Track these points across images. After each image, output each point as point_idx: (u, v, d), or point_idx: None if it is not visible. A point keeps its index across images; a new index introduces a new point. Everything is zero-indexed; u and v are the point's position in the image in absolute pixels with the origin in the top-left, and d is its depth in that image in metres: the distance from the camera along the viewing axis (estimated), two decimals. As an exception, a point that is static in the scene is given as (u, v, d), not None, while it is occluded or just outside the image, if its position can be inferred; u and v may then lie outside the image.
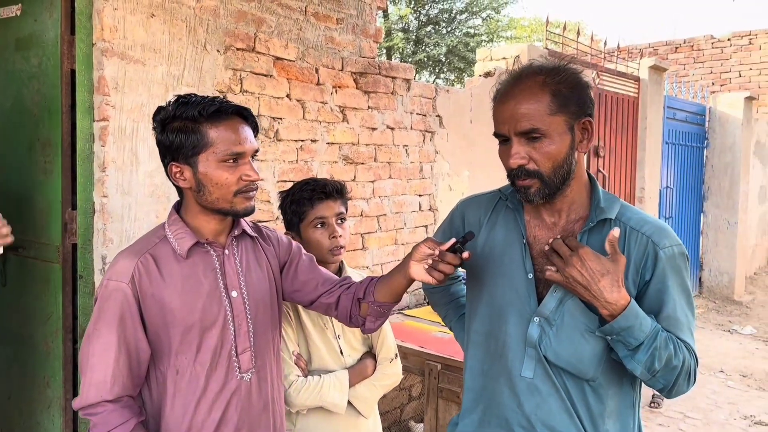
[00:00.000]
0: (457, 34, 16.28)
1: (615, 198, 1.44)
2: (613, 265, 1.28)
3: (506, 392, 1.42)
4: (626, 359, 1.31)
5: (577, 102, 1.34)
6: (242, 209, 1.45)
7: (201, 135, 1.40)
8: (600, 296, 1.27)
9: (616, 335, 1.29)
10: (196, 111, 1.40)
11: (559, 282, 1.32)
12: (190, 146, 1.40)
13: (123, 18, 2.34)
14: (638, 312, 1.29)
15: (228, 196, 1.42)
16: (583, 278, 1.28)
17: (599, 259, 1.28)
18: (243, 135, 1.43)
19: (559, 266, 1.32)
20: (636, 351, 1.29)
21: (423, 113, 3.76)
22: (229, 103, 1.45)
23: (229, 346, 1.47)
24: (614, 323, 1.28)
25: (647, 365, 1.29)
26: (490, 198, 1.57)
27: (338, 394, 1.81)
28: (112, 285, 1.40)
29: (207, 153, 1.40)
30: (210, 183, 1.42)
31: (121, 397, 1.39)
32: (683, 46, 10.54)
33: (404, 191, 3.67)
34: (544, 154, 1.33)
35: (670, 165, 7.28)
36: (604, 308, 1.28)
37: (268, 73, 2.88)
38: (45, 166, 2.45)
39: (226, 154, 1.40)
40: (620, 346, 1.30)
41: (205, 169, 1.41)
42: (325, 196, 1.89)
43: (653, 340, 1.28)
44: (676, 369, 1.31)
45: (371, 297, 1.53)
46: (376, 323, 1.57)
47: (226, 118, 1.43)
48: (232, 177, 1.41)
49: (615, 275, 1.28)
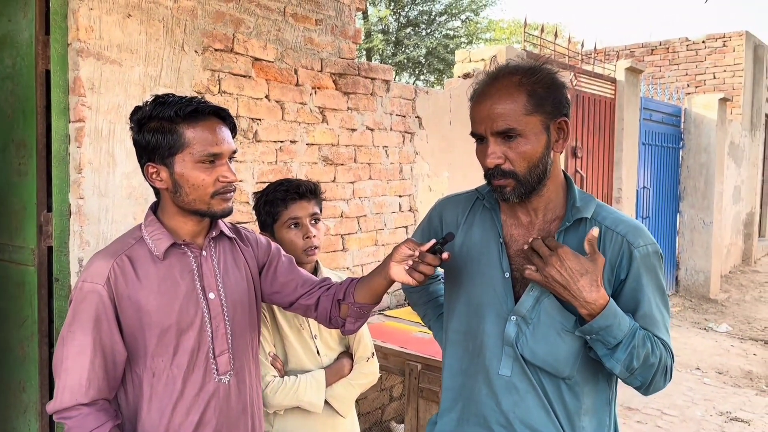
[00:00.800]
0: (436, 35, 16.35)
1: (590, 197, 1.45)
2: (592, 265, 1.30)
3: (484, 390, 1.43)
4: (605, 358, 1.32)
5: (552, 102, 1.35)
6: (219, 210, 1.44)
7: (177, 135, 1.39)
8: (579, 296, 1.29)
9: (596, 335, 1.30)
10: (173, 111, 1.38)
11: (538, 281, 1.33)
12: (167, 146, 1.39)
13: (99, 18, 2.32)
14: (617, 311, 1.30)
15: (205, 197, 1.41)
16: (562, 278, 1.29)
17: (578, 259, 1.30)
18: (220, 136, 1.42)
19: (538, 266, 1.33)
20: (615, 350, 1.30)
21: (402, 114, 3.77)
22: (206, 104, 1.43)
23: (206, 348, 1.46)
24: (593, 323, 1.29)
25: (626, 363, 1.31)
26: (468, 197, 1.57)
27: (315, 394, 1.81)
28: (87, 287, 1.38)
29: (183, 153, 1.39)
30: (186, 184, 1.41)
31: (96, 401, 1.38)
32: (659, 48, 10.69)
33: (384, 192, 3.68)
34: (519, 154, 1.34)
35: (646, 165, 7.37)
36: (583, 308, 1.29)
37: (246, 74, 2.87)
38: (19, 168, 2.41)
39: (203, 154, 1.39)
40: (599, 345, 1.32)
41: (181, 170, 1.40)
42: (299, 197, 1.89)
43: (631, 338, 1.30)
44: (653, 366, 1.33)
45: (351, 298, 1.53)
46: (356, 324, 1.57)
47: (203, 118, 1.41)
48: (209, 178, 1.40)
49: (594, 275, 1.29)
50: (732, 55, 9.89)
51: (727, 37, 9.96)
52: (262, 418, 1.63)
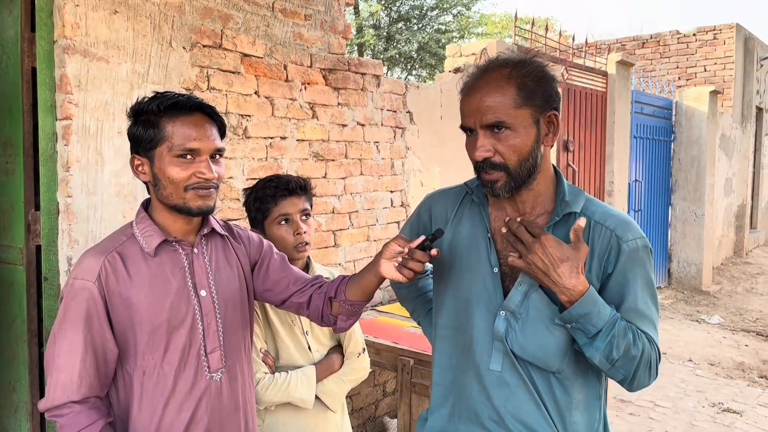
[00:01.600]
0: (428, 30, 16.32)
1: (580, 191, 1.45)
2: (573, 252, 1.30)
3: (475, 386, 1.43)
4: (585, 347, 1.33)
5: (542, 95, 1.35)
6: (195, 207, 1.42)
7: (158, 128, 1.39)
8: (559, 282, 1.29)
9: (575, 322, 1.31)
10: (156, 104, 1.39)
11: (521, 268, 1.34)
12: (148, 139, 1.40)
13: (85, 15, 2.30)
14: (596, 299, 1.30)
15: (179, 191, 1.40)
16: (543, 264, 1.30)
17: (560, 246, 1.30)
18: (202, 132, 1.41)
19: (521, 252, 1.33)
20: (594, 338, 1.30)
21: (393, 109, 3.76)
22: (191, 99, 1.42)
23: (197, 345, 1.45)
24: (572, 309, 1.30)
25: (605, 353, 1.31)
26: (457, 192, 1.57)
27: (305, 390, 1.81)
28: (78, 284, 1.38)
29: (162, 147, 1.39)
30: (164, 177, 1.40)
31: (88, 398, 1.37)
32: (650, 41, 10.70)
33: (376, 188, 3.67)
34: (509, 147, 1.34)
35: (638, 159, 7.39)
36: (562, 294, 1.30)
37: (235, 70, 2.86)
38: (6, 167, 2.39)
39: (181, 149, 1.39)
40: (579, 334, 1.32)
41: (159, 164, 1.40)
42: (289, 193, 1.89)
43: (611, 327, 1.30)
44: (635, 359, 1.33)
45: (343, 296, 1.53)
46: (347, 322, 1.57)
47: (186, 113, 1.41)
48: (185, 173, 1.39)
49: (575, 262, 1.29)
50: (723, 47, 9.92)
51: (717, 30, 9.98)
52: (255, 415, 1.63)
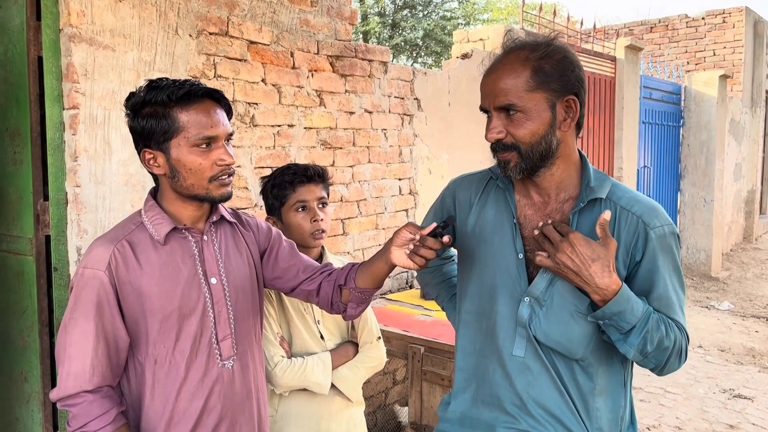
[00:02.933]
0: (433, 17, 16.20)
1: (606, 177, 1.43)
2: (603, 250, 1.28)
3: (498, 371, 1.43)
4: (619, 343, 1.32)
5: (560, 80, 1.33)
6: (218, 195, 1.42)
7: (172, 120, 1.37)
8: (591, 282, 1.27)
9: (608, 320, 1.29)
10: (165, 95, 1.36)
11: (549, 267, 1.32)
12: (161, 132, 1.38)
13: (90, 2, 2.28)
14: (629, 296, 1.29)
15: (203, 182, 1.40)
16: (574, 264, 1.28)
17: (590, 245, 1.28)
18: (215, 118, 1.40)
19: (549, 252, 1.31)
20: (628, 335, 1.30)
21: (401, 96, 3.73)
22: (199, 86, 1.41)
23: (209, 333, 1.45)
24: (606, 308, 1.28)
25: (640, 348, 1.30)
26: (481, 177, 1.56)
27: (322, 375, 1.82)
28: (89, 273, 1.37)
29: (179, 138, 1.37)
30: (183, 169, 1.39)
31: (101, 387, 1.37)
32: (658, 25, 10.59)
33: (384, 175, 3.65)
34: (521, 129, 1.33)
35: (647, 144, 7.34)
36: (595, 293, 1.28)
37: (242, 58, 2.83)
38: (14, 157, 2.38)
39: (198, 138, 1.37)
40: (612, 330, 1.31)
41: (177, 155, 1.38)
42: (307, 180, 1.88)
43: (645, 323, 1.29)
44: (668, 349, 1.33)
45: (353, 283, 1.52)
46: (357, 309, 1.57)
47: (197, 101, 1.39)
48: (206, 162, 1.39)
49: (606, 260, 1.27)
50: (732, 31, 9.80)
51: (726, 14, 9.86)
52: (266, 402, 1.63)
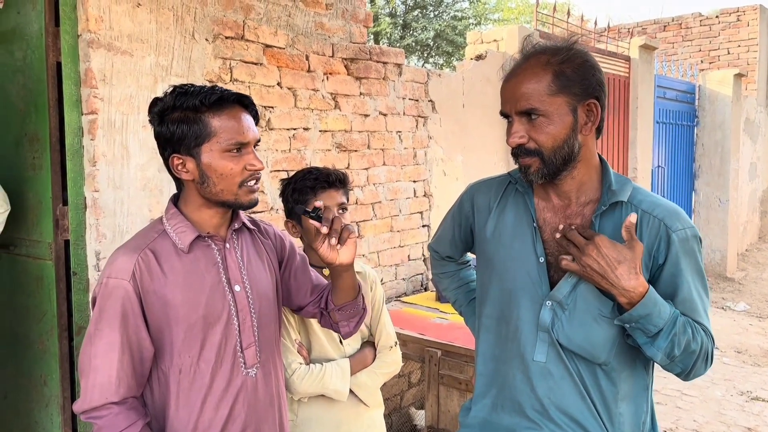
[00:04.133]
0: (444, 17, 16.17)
1: (627, 180, 1.43)
2: (629, 252, 1.27)
3: (519, 376, 1.42)
4: (646, 346, 1.31)
5: (581, 84, 1.33)
6: (247, 201, 1.42)
7: (203, 125, 1.37)
8: (617, 284, 1.26)
9: (635, 323, 1.28)
10: (198, 100, 1.36)
11: (575, 271, 1.32)
12: (193, 136, 1.37)
13: (108, 8, 2.29)
14: (656, 299, 1.28)
15: (233, 187, 1.39)
16: (600, 267, 1.27)
17: (615, 247, 1.28)
18: (246, 124, 1.41)
19: (575, 255, 1.31)
20: (655, 338, 1.29)
21: (415, 98, 3.72)
22: (229, 92, 1.41)
23: (234, 341, 1.44)
24: (633, 311, 1.27)
25: (667, 351, 1.29)
26: (500, 181, 1.56)
27: (340, 382, 1.81)
28: (113, 283, 1.36)
29: (210, 143, 1.37)
30: (214, 174, 1.38)
31: (126, 399, 1.36)
32: (671, 24, 10.51)
33: (398, 178, 3.64)
34: (543, 134, 1.33)
35: (661, 144, 7.28)
36: (622, 296, 1.27)
37: (258, 62, 2.84)
38: (34, 162, 2.40)
39: (230, 143, 1.37)
40: (639, 334, 1.30)
41: (209, 160, 1.38)
42: (328, 185, 1.87)
43: (672, 326, 1.28)
44: (694, 353, 1.32)
45: (331, 305, 1.56)
46: (350, 326, 1.60)
47: (228, 106, 1.39)
48: (237, 167, 1.38)
49: (632, 262, 1.27)
50: (746, 29, 9.71)
51: (741, 12, 9.76)
52: (286, 409, 1.63)
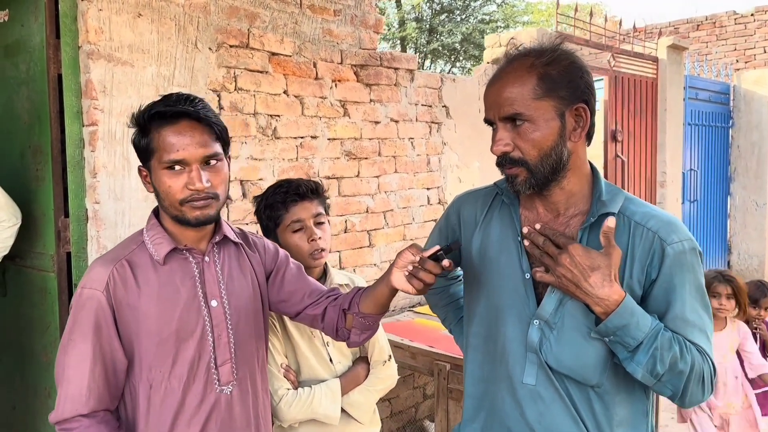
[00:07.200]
0: (471, 21, 16.05)
1: (619, 190, 1.34)
2: (604, 259, 1.19)
3: (508, 399, 1.34)
4: (626, 362, 1.22)
5: (568, 86, 1.25)
6: (193, 218, 1.35)
7: (149, 139, 1.34)
8: (591, 293, 1.19)
9: (613, 335, 1.20)
10: (144, 114, 1.34)
11: (551, 283, 1.24)
12: (143, 150, 1.35)
13: (108, 19, 2.28)
14: (634, 309, 1.19)
15: (175, 203, 1.34)
16: (573, 275, 1.20)
17: (589, 254, 1.20)
18: (186, 140, 1.31)
19: (549, 266, 1.23)
20: (635, 352, 1.20)
21: (428, 104, 3.64)
22: (174, 105, 1.33)
23: (207, 357, 1.40)
24: (608, 321, 1.19)
25: (648, 367, 1.19)
26: (487, 193, 1.48)
27: (331, 405, 1.73)
28: (87, 293, 1.34)
29: (155, 158, 1.34)
30: (160, 190, 1.35)
31: (97, 412, 1.33)
32: (705, 23, 10.21)
33: (411, 185, 3.57)
34: (528, 141, 1.25)
35: (693, 147, 7.06)
36: (596, 305, 1.20)
37: (263, 70, 2.80)
38: (37, 174, 2.41)
39: (166, 160, 1.32)
40: (619, 348, 1.21)
41: (155, 175, 1.35)
42: (300, 198, 1.79)
43: (653, 339, 1.19)
44: (683, 374, 1.21)
45: (356, 308, 1.47)
46: (361, 336, 1.51)
47: (170, 121, 1.32)
48: (175, 185, 1.32)
49: (606, 269, 1.19)
50: (784, 27, 9.38)
51: (778, 9, 9.44)
52: (269, 430, 1.57)
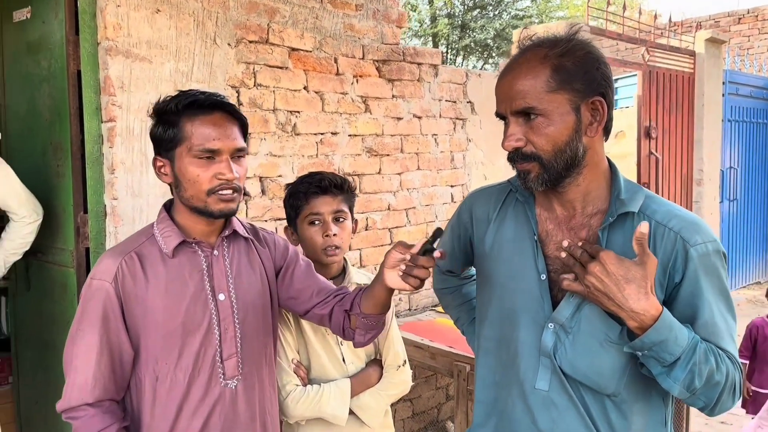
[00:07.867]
0: (504, 17, 15.84)
1: (639, 188, 1.27)
2: (640, 270, 1.10)
3: (519, 406, 1.28)
4: (661, 377, 1.13)
5: (584, 79, 1.18)
6: (217, 210, 1.37)
7: (178, 128, 1.35)
8: (625, 306, 1.09)
9: (648, 350, 1.11)
10: (174, 103, 1.35)
11: (579, 292, 1.16)
12: (168, 139, 1.36)
13: (126, 15, 2.28)
14: (672, 323, 1.10)
15: (201, 194, 1.35)
16: (605, 287, 1.10)
17: (623, 264, 1.10)
18: (222, 131, 1.36)
19: (578, 274, 1.14)
20: (672, 368, 1.11)
21: (453, 100, 3.58)
22: (210, 97, 1.38)
23: (213, 351, 1.40)
24: (645, 337, 1.10)
25: (686, 383, 1.11)
26: (500, 190, 1.42)
27: (339, 405, 1.69)
28: (95, 284, 1.36)
29: (182, 147, 1.35)
30: (184, 179, 1.36)
31: (102, 401, 1.35)
32: (747, 16, 9.88)
33: (435, 182, 3.51)
34: (542, 136, 1.19)
35: (733, 144, 6.84)
36: (631, 319, 1.10)
37: (283, 65, 2.78)
38: (58, 170, 2.42)
39: (200, 149, 1.34)
40: (653, 363, 1.12)
41: (180, 164, 1.36)
42: (321, 191, 1.76)
43: (692, 354, 1.10)
44: (719, 385, 1.14)
45: (358, 309, 1.45)
46: (365, 336, 1.49)
47: (204, 112, 1.36)
48: (205, 174, 1.34)
49: (642, 281, 1.09)
50: (831, 18, 9.01)
51: (825, 0, 9.08)
52: (276, 427, 1.55)
